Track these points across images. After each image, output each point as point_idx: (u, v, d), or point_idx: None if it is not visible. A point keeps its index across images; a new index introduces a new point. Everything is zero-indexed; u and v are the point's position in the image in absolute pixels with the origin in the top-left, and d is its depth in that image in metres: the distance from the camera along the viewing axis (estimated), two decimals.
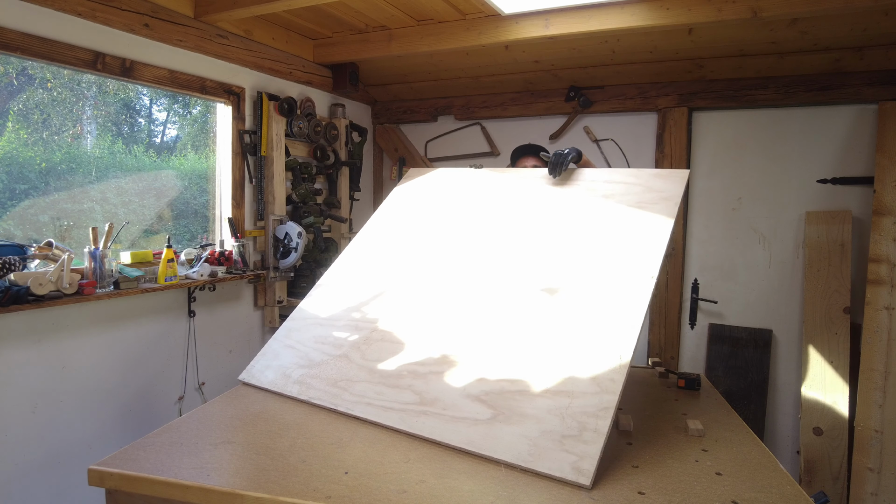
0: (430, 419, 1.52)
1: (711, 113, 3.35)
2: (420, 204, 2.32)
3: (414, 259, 2.08)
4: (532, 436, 1.38)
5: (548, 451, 1.34)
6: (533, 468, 1.32)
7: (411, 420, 1.54)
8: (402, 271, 2.06)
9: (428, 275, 1.99)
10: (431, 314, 1.84)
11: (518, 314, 1.70)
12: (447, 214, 2.21)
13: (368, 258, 2.19)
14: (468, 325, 1.75)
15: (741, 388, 3.24)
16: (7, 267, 1.94)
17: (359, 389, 1.69)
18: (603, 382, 1.42)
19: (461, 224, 2.13)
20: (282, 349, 1.97)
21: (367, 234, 2.30)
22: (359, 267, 2.17)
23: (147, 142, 2.79)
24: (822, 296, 3.04)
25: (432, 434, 1.48)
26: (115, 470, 1.33)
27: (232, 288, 2.97)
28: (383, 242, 2.23)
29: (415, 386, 1.63)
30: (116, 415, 2.40)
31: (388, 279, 2.05)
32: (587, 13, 2.67)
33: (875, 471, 2.77)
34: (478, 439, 1.42)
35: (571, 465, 1.29)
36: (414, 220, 2.26)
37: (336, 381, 1.75)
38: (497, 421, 1.45)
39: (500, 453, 1.38)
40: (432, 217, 2.23)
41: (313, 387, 1.76)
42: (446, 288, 1.91)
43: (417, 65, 3.56)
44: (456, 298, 1.85)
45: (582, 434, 1.34)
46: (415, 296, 1.94)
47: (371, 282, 2.08)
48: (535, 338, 1.62)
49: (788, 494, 1.25)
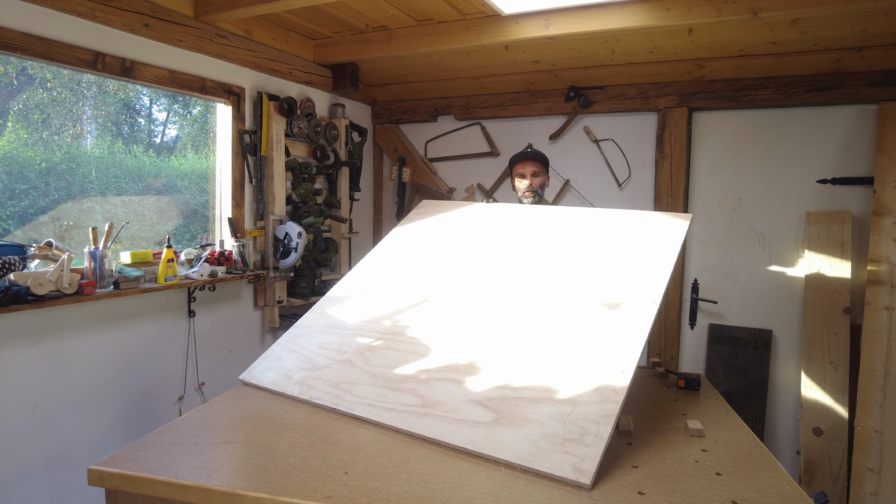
0: (431, 420, 1.52)
1: (711, 113, 3.35)
2: (432, 230, 2.38)
3: (424, 276, 2.11)
4: (533, 438, 1.38)
5: (549, 453, 1.34)
6: (533, 468, 1.32)
7: (412, 421, 1.54)
8: (411, 286, 2.08)
9: (438, 290, 2.01)
10: (440, 326, 1.85)
11: (524, 328, 1.72)
12: (458, 238, 2.27)
13: (378, 274, 2.21)
14: (474, 337, 1.76)
15: (741, 388, 3.24)
16: (7, 267, 1.94)
17: (360, 391, 1.69)
18: (605, 393, 1.43)
19: (472, 246, 2.18)
20: (285, 353, 1.97)
21: (379, 252, 2.33)
22: (369, 282, 2.19)
23: (147, 142, 2.79)
24: (822, 296, 3.04)
25: (433, 434, 1.48)
26: (115, 470, 1.33)
27: (232, 288, 2.97)
28: (393, 260, 2.26)
29: (417, 390, 1.63)
30: (116, 415, 2.40)
31: (398, 293, 2.07)
32: (587, 13, 2.67)
33: (875, 471, 2.77)
34: (479, 440, 1.42)
35: (572, 465, 1.29)
36: (424, 243, 2.31)
37: (338, 384, 1.75)
38: (499, 424, 1.45)
39: (500, 453, 1.38)
40: (444, 240, 2.29)
41: (314, 388, 1.76)
42: (455, 303, 1.93)
43: (417, 65, 3.56)
44: (464, 312, 1.88)
45: (583, 438, 1.34)
46: (424, 309, 1.95)
47: (380, 295, 2.09)
48: (539, 350, 1.64)
49: (788, 494, 1.25)
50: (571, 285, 1.82)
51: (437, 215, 2.46)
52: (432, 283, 2.06)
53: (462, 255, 2.14)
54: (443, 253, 2.20)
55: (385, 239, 2.39)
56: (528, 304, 1.81)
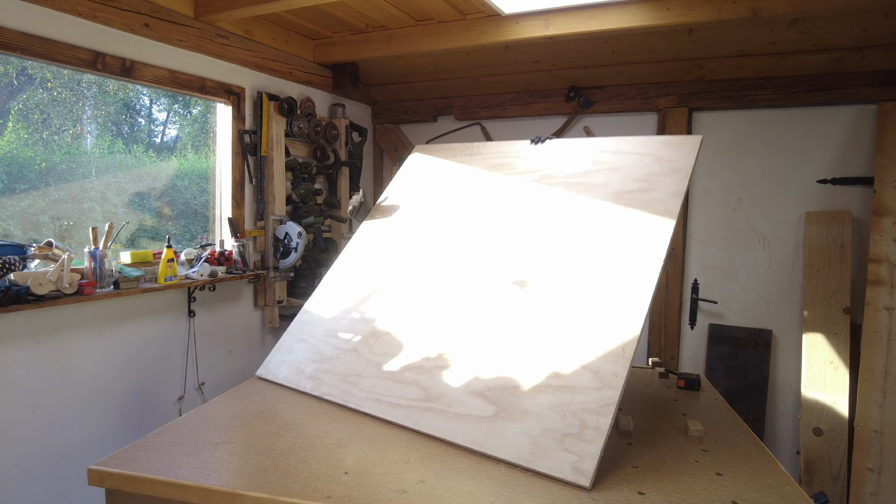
0: (434, 416, 1.54)
1: (711, 113, 3.35)
2: (423, 190, 2.33)
3: (418, 250, 2.10)
4: (533, 434, 1.38)
5: (548, 451, 1.34)
6: (534, 468, 1.32)
7: (417, 417, 1.56)
8: (407, 264, 2.08)
9: (432, 265, 2.01)
10: (436, 305, 1.86)
11: (521, 306, 1.70)
12: (450, 203, 2.21)
13: (372, 253, 2.22)
14: (472, 319, 1.76)
15: (741, 389, 3.24)
16: (7, 267, 1.94)
17: (367, 385, 1.73)
18: (605, 377, 1.42)
19: (463, 213, 2.13)
20: (295, 343, 2.02)
21: (372, 226, 2.33)
22: (365, 262, 2.20)
23: (147, 142, 2.79)
24: (822, 296, 3.04)
25: (437, 432, 1.50)
26: (115, 470, 1.34)
27: (232, 288, 2.97)
28: (387, 235, 2.25)
29: (420, 381, 1.65)
30: (116, 415, 2.40)
31: (393, 273, 2.07)
32: (587, 13, 2.67)
33: (875, 471, 2.77)
34: (481, 437, 1.43)
35: (571, 465, 1.29)
36: (418, 208, 2.27)
37: (346, 377, 1.79)
38: (499, 418, 1.45)
39: (502, 452, 1.38)
40: (435, 206, 2.24)
41: (325, 382, 1.81)
42: (449, 279, 1.93)
43: (417, 65, 3.56)
44: (460, 293, 1.86)
45: (583, 433, 1.34)
46: (420, 287, 1.96)
47: (377, 276, 2.11)
48: (537, 329, 1.62)
49: (788, 494, 1.26)
50: (571, 248, 1.76)
51: (429, 171, 2.39)
52: (427, 257, 2.05)
53: (455, 231, 2.10)
54: (436, 228, 2.16)
55: (379, 203, 2.38)
56: (526, 279, 1.77)
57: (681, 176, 1.73)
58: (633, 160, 1.86)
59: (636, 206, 1.74)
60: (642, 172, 1.80)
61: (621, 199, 1.79)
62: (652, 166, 1.80)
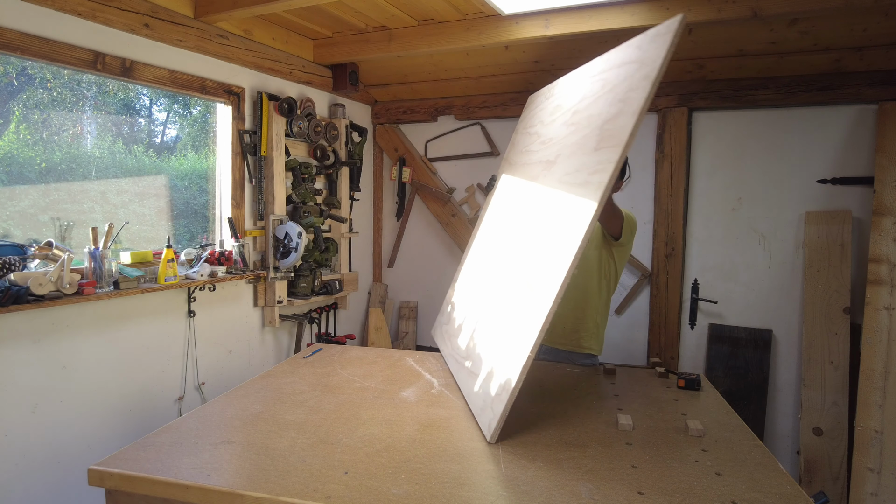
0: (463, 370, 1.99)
1: (711, 113, 3.35)
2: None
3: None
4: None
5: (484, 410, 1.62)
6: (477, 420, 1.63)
7: (456, 368, 2.09)
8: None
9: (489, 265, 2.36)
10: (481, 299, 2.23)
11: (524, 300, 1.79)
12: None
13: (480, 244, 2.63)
14: (495, 307, 1.99)
15: (741, 389, 3.24)
16: (7, 267, 1.94)
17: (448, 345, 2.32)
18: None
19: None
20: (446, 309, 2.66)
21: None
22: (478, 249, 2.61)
23: (147, 142, 2.79)
24: (822, 296, 3.04)
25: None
26: (115, 470, 1.34)
27: (232, 288, 2.97)
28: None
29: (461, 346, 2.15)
30: (116, 415, 2.40)
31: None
32: (587, 13, 2.67)
33: (875, 471, 2.77)
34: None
35: (487, 423, 1.55)
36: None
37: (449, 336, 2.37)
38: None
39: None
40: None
41: (445, 343, 2.39)
42: (488, 279, 2.26)
43: (417, 65, 3.56)
44: (490, 288, 2.16)
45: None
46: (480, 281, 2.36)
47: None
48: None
49: (788, 494, 1.26)
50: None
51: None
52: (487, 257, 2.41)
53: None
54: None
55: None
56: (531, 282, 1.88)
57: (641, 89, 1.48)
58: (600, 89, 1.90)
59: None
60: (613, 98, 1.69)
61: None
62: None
